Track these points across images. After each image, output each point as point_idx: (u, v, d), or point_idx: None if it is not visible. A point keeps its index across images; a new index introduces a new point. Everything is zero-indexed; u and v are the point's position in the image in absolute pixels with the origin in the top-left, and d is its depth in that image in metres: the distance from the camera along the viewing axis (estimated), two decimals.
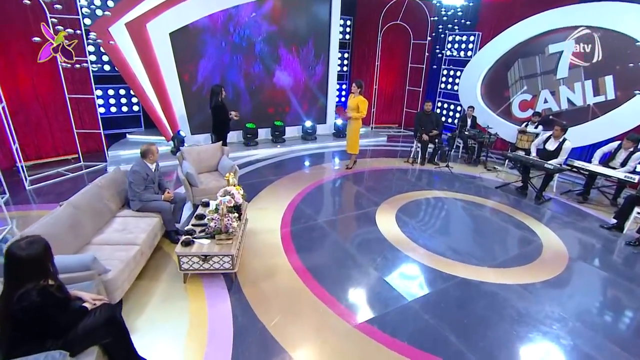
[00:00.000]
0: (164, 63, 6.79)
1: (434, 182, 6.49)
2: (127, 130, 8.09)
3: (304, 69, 8.60)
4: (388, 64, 10.39)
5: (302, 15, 8.17)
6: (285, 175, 6.44)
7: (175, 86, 7.09)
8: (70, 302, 2.02)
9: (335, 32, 8.60)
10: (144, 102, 7.04)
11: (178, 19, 6.66)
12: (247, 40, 7.70)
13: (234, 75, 7.81)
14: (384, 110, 10.94)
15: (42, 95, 6.24)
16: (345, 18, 9.87)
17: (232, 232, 3.37)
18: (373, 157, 7.97)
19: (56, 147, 6.66)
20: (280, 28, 7.97)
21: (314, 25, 8.38)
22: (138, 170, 3.87)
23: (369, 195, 5.69)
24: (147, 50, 6.50)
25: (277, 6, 7.81)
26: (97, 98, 7.46)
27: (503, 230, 4.80)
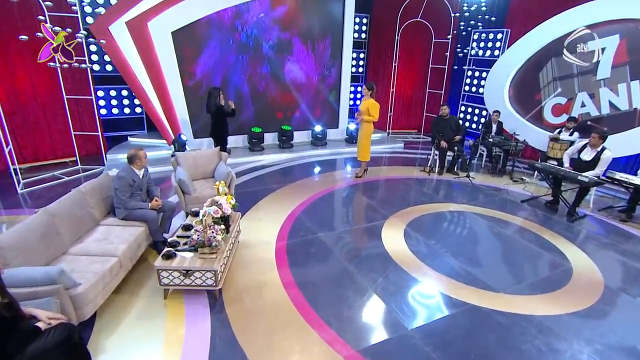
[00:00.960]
0: (165, 63, 6.90)
1: (452, 194, 6.28)
2: (129, 133, 8.26)
3: (316, 70, 8.59)
4: (407, 64, 10.25)
5: (315, 14, 8.17)
6: (290, 184, 6.39)
7: (177, 87, 7.18)
8: (20, 322, 1.98)
9: (348, 30, 8.55)
10: (145, 104, 7.17)
11: (180, 17, 6.77)
12: (255, 40, 7.75)
13: (237, 76, 7.85)
14: (402, 114, 10.77)
15: (41, 95, 6.44)
16: (361, 16, 9.82)
17: (216, 245, 3.30)
18: (387, 165, 7.82)
19: (54, 149, 6.85)
20: (292, 29, 7.99)
21: (327, 24, 8.36)
22: (124, 176, 3.88)
23: (377, 207, 5.54)
24: (148, 50, 6.63)
25: (290, 9, 7.84)
26: (99, 99, 7.69)
27: (526, 250, 4.53)
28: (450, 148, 7.16)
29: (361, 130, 6.46)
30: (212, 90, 5.82)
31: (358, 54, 10.23)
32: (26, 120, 6.41)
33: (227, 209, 3.69)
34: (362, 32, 10.05)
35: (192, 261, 3.27)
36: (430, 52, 9.95)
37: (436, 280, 3.80)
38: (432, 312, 3.35)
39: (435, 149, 7.33)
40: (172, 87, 7.13)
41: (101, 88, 7.68)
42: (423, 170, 7.38)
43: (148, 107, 7.22)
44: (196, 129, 7.70)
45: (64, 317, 2.20)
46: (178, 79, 7.15)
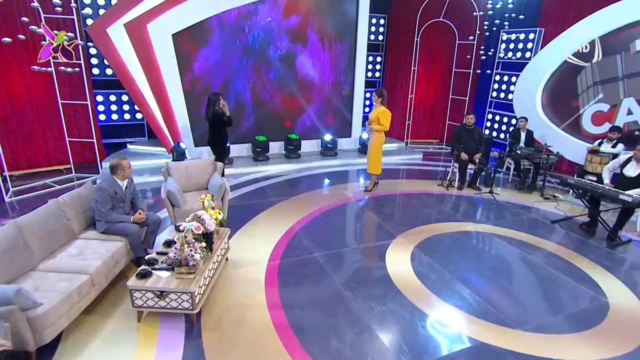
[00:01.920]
0: (165, 67, 7.02)
1: (471, 212, 6.06)
2: (128, 140, 8.44)
3: (330, 73, 8.60)
4: (428, 68, 10.12)
5: (331, 15, 8.21)
6: (293, 197, 6.35)
7: (177, 93, 7.29)
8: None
9: (362, 31, 8.52)
10: (144, 110, 7.31)
11: (182, 19, 6.90)
12: (262, 43, 7.82)
13: (242, 80, 7.91)
14: (423, 122, 10.60)
15: (36, 99, 6.68)
16: (378, 16, 9.78)
17: (194, 265, 3.24)
18: (402, 179, 7.68)
19: (49, 156, 7.06)
20: (307, 24, 8.04)
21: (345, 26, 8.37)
22: (105, 187, 3.90)
23: (385, 225, 5.39)
24: (147, 53, 6.77)
25: (302, 16, 7.97)
26: (98, 104, 7.90)
27: (554, 280, 4.25)
28: (472, 160, 6.94)
29: (371, 141, 6.36)
30: (212, 95, 5.85)
31: (375, 57, 10.17)
32: (20, 125, 6.63)
33: (211, 225, 3.64)
34: (379, 34, 9.99)
35: (168, 281, 3.22)
36: (453, 55, 9.77)
37: (443, 312, 3.60)
38: (434, 350, 3.15)
39: (454, 161, 7.12)
40: (172, 93, 7.24)
41: (100, 93, 7.89)
42: (441, 184, 7.18)
43: (147, 113, 7.35)
44: (197, 136, 7.78)
45: (7, 345, 2.16)
46: (179, 84, 7.26)
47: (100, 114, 7.99)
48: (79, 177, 6.79)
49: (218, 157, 5.86)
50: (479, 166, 6.97)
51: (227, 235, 4.26)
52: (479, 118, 10.31)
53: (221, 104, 5.80)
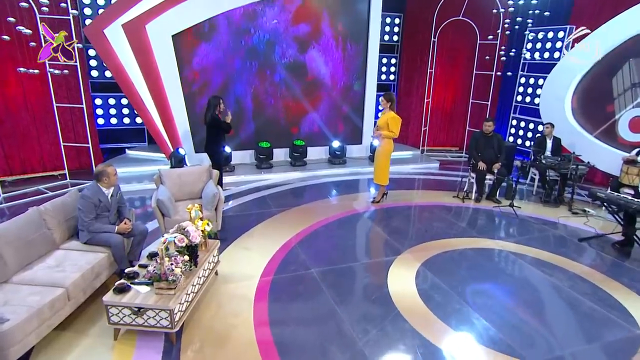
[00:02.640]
0: (165, 69, 7.13)
1: (488, 227, 5.89)
2: (128, 145, 8.58)
3: (343, 75, 8.62)
4: (447, 71, 10.03)
5: (339, 15, 8.24)
6: (294, 207, 6.33)
7: (177, 96, 7.38)
8: None
9: (374, 31, 8.50)
10: (142, 114, 7.42)
11: (182, 19, 7.01)
12: (268, 45, 7.89)
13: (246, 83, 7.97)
14: (441, 129, 10.48)
15: (32, 102, 6.86)
16: (393, 15, 9.74)
17: (174, 280, 3.21)
18: (415, 189, 7.58)
19: (44, 161, 7.22)
20: (319, 19, 8.12)
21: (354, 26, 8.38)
22: (88, 195, 3.93)
23: (391, 240, 5.29)
24: (146, 55, 6.89)
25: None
26: (96, 108, 8.07)
27: (578, 306, 4.04)
28: (490, 170, 6.77)
29: (379, 149, 6.30)
30: (212, 99, 5.88)
31: (389, 59, 10.12)
32: (15, 128, 6.82)
33: (195, 237, 3.61)
34: (394, 34, 9.95)
35: (147, 297, 3.20)
36: (474, 56, 9.63)
37: (446, 340, 3.45)
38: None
39: (471, 170, 6.96)
40: (172, 96, 7.33)
41: (99, 96, 8.07)
42: (456, 196, 7.02)
43: (146, 117, 7.46)
44: (198, 141, 7.84)
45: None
46: (179, 87, 7.35)
47: (99, 117, 8.17)
48: (74, 183, 6.90)
49: (215, 164, 5.87)
50: (498, 177, 6.78)
51: (217, 248, 4.23)
52: (503, 124, 10.14)
53: (221, 107, 5.84)
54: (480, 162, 6.76)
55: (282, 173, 7.96)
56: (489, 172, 6.81)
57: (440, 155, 9.94)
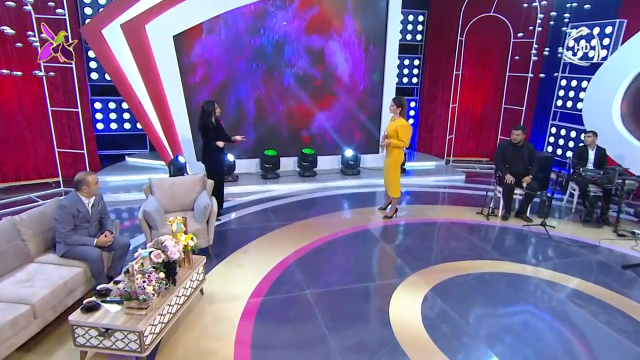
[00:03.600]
0: (165, 72, 7.28)
1: (513, 249, 5.66)
2: (128, 152, 8.78)
3: (364, 77, 8.64)
4: (476, 73, 9.91)
5: (355, 15, 8.28)
6: (298, 221, 6.32)
7: (178, 100, 7.51)
8: None
9: (393, 30, 8.45)
10: (141, 119, 7.58)
11: (184, 19, 7.16)
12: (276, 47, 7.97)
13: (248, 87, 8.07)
14: (469, 137, 10.33)
15: (27, 105, 7.13)
16: (416, 12, 9.67)
17: (145, 299, 3.19)
18: (435, 204, 7.42)
19: (38, 167, 7.47)
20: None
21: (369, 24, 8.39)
22: (66, 205, 3.99)
23: (399, 260, 5.18)
24: (145, 57, 7.05)
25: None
26: (96, 112, 8.31)
27: (615, 347, 3.78)
28: (519, 184, 6.54)
29: (388, 159, 6.23)
30: (206, 104, 5.91)
31: (412, 60, 10.03)
32: (9, 133, 7.09)
33: (174, 252, 3.60)
34: (417, 33, 9.87)
35: (116, 317, 3.19)
36: (507, 56, 9.41)
37: None
38: None
39: (498, 184, 6.75)
40: (173, 100, 7.46)
41: (99, 100, 8.31)
42: (481, 212, 6.81)
43: (145, 122, 7.62)
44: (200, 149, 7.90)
45: None
46: (180, 91, 7.48)
47: (98, 122, 8.40)
48: (68, 191, 7.07)
49: (209, 174, 5.88)
50: (528, 192, 6.54)
51: (202, 265, 4.21)
52: (541, 132, 9.86)
53: (217, 112, 5.89)
54: (508, 174, 6.54)
55: (290, 184, 7.94)
56: (517, 186, 6.57)
57: (468, 167, 9.72)
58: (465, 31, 9.21)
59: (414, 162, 9.62)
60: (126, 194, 7.17)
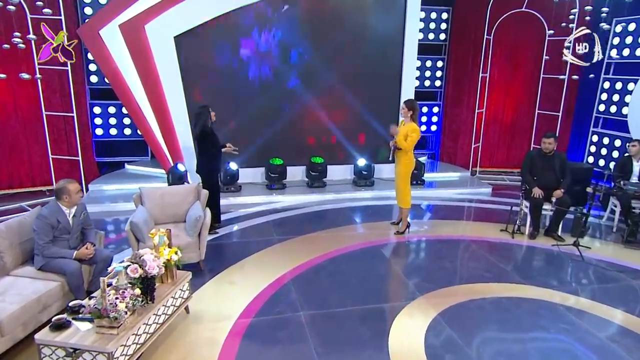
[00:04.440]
0: (166, 75, 7.44)
1: (539, 271, 5.48)
2: (128, 159, 8.96)
3: (369, 86, 8.64)
4: (506, 74, 9.82)
5: (370, 12, 8.33)
6: (301, 236, 6.33)
7: (179, 104, 7.64)
8: None
9: (412, 29, 8.42)
10: (140, 124, 7.75)
11: (185, 19, 7.31)
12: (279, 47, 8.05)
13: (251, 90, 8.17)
14: (499, 146, 10.23)
15: (22, 109, 7.40)
16: (440, 10, 9.63)
17: (115, 317, 3.21)
18: (456, 219, 7.32)
19: (33, 175, 7.71)
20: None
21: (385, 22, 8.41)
22: (45, 215, 4.08)
23: (407, 280, 5.10)
24: (145, 59, 7.23)
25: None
26: (95, 117, 8.54)
27: None
28: (548, 199, 6.36)
29: (397, 166, 6.24)
30: (199, 109, 5.99)
31: (434, 62, 9.98)
32: (3, 138, 7.36)
33: (153, 267, 3.62)
34: (440, 32, 9.82)
35: (85, 336, 3.21)
36: (541, 56, 9.24)
37: None
38: None
39: (524, 198, 6.58)
40: (173, 104, 7.60)
41: (98, 104, 8.53)
42: (505, 229, 6.64)
43: (144, 127, 7.79)
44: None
45: None
46: (181, 94, 7.61)
47: (97, 127, 8.62)
48: None
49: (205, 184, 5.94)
50: (559, 207, 6.34)
51: (188, 281, 4.22)
52: (581, 140, 9.67)
53: (212, 117, 5.95)
54: (536, 187, 6.37)
55: (297, 195, 7.98)
56: (546, 200, 6.39)
57: (496, 179, 9.54)
58: (494, 29, 9.09)
59: (435, 173, 9.54)
60: (125, 203, 7.28)
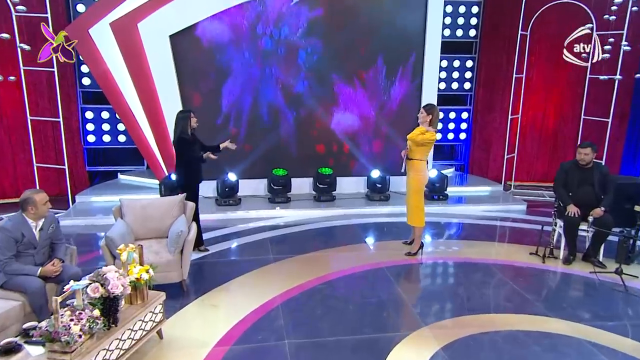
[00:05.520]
0: (160, 77, 7.67)
1: (570, 302, 5.32)
2: (122, 168, 9.19)
3: (384, 89, 8.72)
4: (546, 75, 9.72)
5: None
6: (299, 255, 6.38)
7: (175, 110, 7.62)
8: None
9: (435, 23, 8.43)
10: (132, 130, 7.96)
11: (181, 16, 7.53)
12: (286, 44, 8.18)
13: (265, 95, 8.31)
14: (538, 157, 10.12)
15: (7, 114, 7.70)
16: (469, 2, 9.62)
17: (67, 342, 3.27)
18: (480, 240, 7.18)
19: (17, 184, 8.02)
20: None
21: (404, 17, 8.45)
22: (8, 228, 4.18)
23: (411, 308, 5.05)
24: (138, 60, 7.48)
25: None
26: (87, 122, 8.81)
27: None
28: (585, 218, 6.18)
29: (409, 179, 6.19)
30: (180, 114, 6.07)
31: (463, 61, 9.94)
32: None
33: (116, 286, 3.68)
34: (470, 28, 9.79)
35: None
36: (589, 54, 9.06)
37: None
38: None
39: (557, 216, 6.42)
40: (168, 109, 7.74)
41: (90, 108, 8.81)
42: (535, 252, 6.48)
43: (137, 134, 7.99)
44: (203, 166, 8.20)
45: None
46: (177, 99, 7.84)
47: (89, 134, 8.89)
48: None
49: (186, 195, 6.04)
50: (598, 228, 6.15)
51: (161, 303, 4.27)
52: (638, 150, 9.54)
53: (192, 123, 6.03)
54: (571, 205, 6.21)
55: (302, 210, 8.04)
56: (584, 219, 6.21)
57: (533, 194, 9.36)
58: (531, 23, 8.95)
59: (463, 187, 9.52)
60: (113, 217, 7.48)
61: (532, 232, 7.41)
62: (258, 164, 8.42)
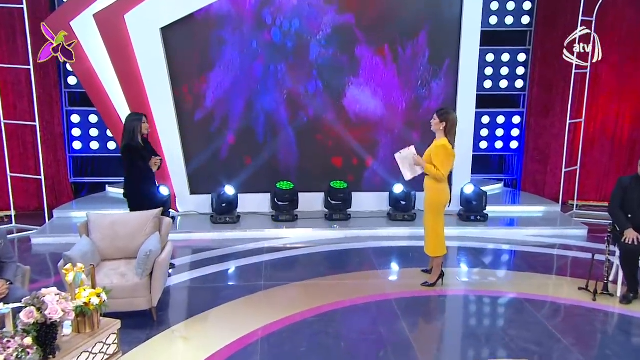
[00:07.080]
0: (150, 75, 7.96)
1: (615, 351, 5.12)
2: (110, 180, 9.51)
3: (404, 87, 8.69)
4: (618, 71, 9.56)
5: None
6: (295, 282, 6.47)
7: (166, 112, 8.15)
8: None
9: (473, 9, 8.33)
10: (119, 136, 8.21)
11: (174, 7, 7.79)
12: (297, 39, 8.34)
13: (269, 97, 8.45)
14: (607, 172, 9.89)
15: None
16: None
17: None
18: (521, 271, 7.07)
19: None
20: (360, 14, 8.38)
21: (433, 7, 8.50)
22: None
23: (414, 351, 4.96)
24: (124, 56, 7.77)
25: None
26: (73, 127, 9.20)
27: None
28: None
29: (426, 199, 6.19)
30: (130, 117, 6.32)
31: (514, 55, 9.88)
32: None
33: (55, 311, 3.83)
34: (522, 15, 9.73)
35: None
36: None
37: None
38: None
39: (611, 243, 6.25)
40: (159, 111, 8.09)
41: (77, 111, 9.21)
42: (585, 287, 6.30)
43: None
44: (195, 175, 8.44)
45: None
46: (169, 100, 8.10)
47: (75, 140, 9.29)
48: (23, 229, 7.88)
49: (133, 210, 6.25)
50: None
51: (115, 332, 4.39)
52: None
53: (143, 129, 6.23)
54: (630, 229, 6.03)
55: (310, 229, 8.13)
56: None
57: (601, 216, 9.07)
58: (596, 9, 8.78)
59: (512, 207, 9.44)
60: None
61: (588, 263, 7.23)
62: (261, 176, 8.58)
